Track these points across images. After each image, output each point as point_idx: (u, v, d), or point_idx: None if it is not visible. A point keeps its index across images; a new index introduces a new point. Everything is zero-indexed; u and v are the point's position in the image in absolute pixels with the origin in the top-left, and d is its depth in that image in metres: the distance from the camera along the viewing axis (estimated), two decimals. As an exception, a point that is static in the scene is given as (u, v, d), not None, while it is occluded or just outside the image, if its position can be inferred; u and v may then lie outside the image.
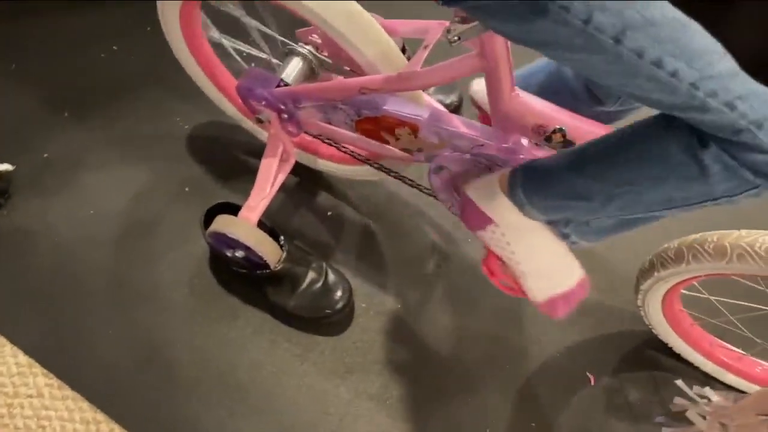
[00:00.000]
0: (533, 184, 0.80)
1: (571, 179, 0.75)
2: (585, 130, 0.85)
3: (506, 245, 0.84)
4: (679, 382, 0.87)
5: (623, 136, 0.71)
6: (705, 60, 0.54)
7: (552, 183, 0.77)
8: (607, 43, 0.55)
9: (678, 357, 1.21)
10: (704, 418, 0.79)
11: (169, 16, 1.13)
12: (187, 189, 1.41)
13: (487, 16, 0.61)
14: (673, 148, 0.64)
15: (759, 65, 0.38)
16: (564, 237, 0.83)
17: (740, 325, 1.08)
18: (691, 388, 0.90)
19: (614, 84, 0.61)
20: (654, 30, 0.53)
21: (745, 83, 0.55)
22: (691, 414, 0.82)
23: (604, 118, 0.93)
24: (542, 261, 0.84)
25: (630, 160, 0.69)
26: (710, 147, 0.61)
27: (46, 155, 1.45)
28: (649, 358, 1.23)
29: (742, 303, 1.06)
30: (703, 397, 0.81)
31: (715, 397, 0.79)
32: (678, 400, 0.85)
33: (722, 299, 1.07)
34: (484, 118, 1.08)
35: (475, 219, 0.85)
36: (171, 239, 1.34)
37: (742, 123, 0.56)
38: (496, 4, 0.57)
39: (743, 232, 0.88)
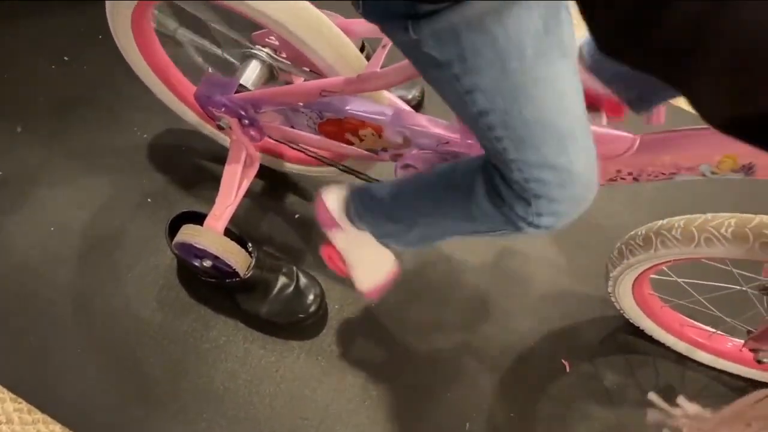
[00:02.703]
0: (362, 204, 0.99)
1: (390, 205, 0.95)
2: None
3: (345, 245, 1.05)
4: (652, 396, 0.87)
5: (434, 173, 0.89)
6: (532, 150, 0.70)
7: (375, 207, 0.97)
8: (472, 112, 0.70)
9: (650, 339, 1.23)
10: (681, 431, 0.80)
11: (120, 23, 1.10)
12: (149, 200, 1.38)
13: (395, 42, 0.72)
14: (452, 193, 0.85)
15: (734, 129, 0.40)
16: (383, 244, 1.02)
17: (709, 305, 1.10)
18: (658, 380, 0.90)
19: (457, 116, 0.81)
20: (510, 118, 0.68)
21: (546, 173, 0.72)
22: (668, 429, 0.83)
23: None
24: (367, 261, 1.08)
25: (427, 196, 0.89)
26: (477, 196, 0.80)
27: (0, 174, 1.40)
28: (623, 342, 1.25)
29: (710, 283, 1.07)
30: (677, 406, 0.82)
31: (689, 406, 0.80)
32: (651, 415, 0.86)
33: (690, 281, 1.08)
34: None
35: (327, 220, 1.04)
36: (136, 252, 1.31)
37: (526, 195, 0.74)
38: (408, 43, 0.67)
39: (709, 215, 0.89)
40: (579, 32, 0.65)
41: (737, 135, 0.40)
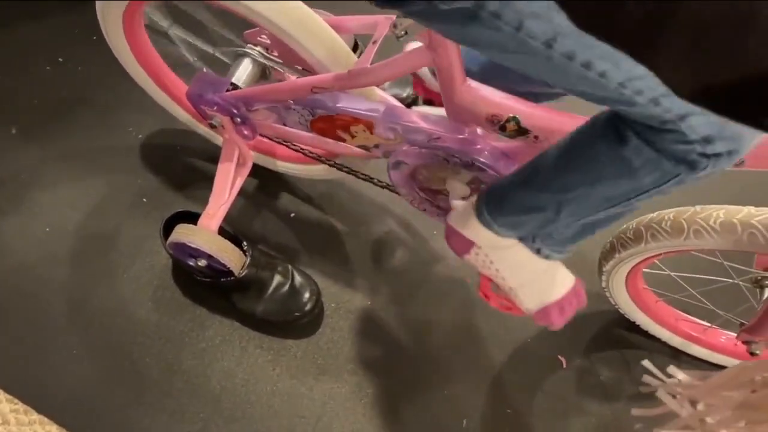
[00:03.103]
0: (493, 204, 0.84)
1: (522, 193, 0.80)
2: (539, 117, 0.85)
3: (491, 264, 0.88)
4: (646, 363, 0.88)
5: (560, 146, 0.75)
6: (631, 61, 0.54)
7: (507, 200, 0.82)
8: (539, 48, 0.57)
9: (645, 334, 1.23)
10: (674, 397, 0.80)
11: (111, 23, 1.10)
12: (144, 200, 1.38)
13: (423, 19, 0.64)
14: (599, 149, 0.69)
15: (701, 100, 0.39)
16: (537, 252, 0.86)
17: (702, 299, 1.10)
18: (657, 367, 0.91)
19: (547, 80, 0.63)
20: (583, 35, 0.54)
21: None
22: (661, 393, 0.83)
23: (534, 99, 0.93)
24: (525, 273, 0.88)
25: (565, 167, 0.74)
26: (630, 143, 0.65)
27: (-5, 175, 1.41)
28: (618, 337, 1.25)
29: (703, 277, 1.08)
30: (670, 376, 0.82)
31: (681, 374, 0.80)
32: (647, 379, 0.86)
33: (683, 274, 1.09)
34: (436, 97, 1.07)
35: (460, 244, 0.89)
36: (131, 252, 1.32)
37: (666, 116, 0.59)
38: (429, 11, 0.58)
39: (698, 208, 0.90)
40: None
41: (705, 106, 0.39)
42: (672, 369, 0.84)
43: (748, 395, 0.64)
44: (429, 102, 1.10)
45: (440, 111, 0.95)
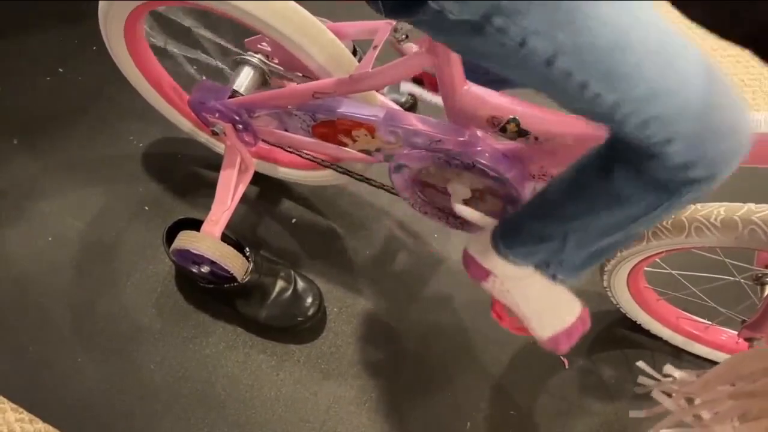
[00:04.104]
0: (508, 236, 0.87)
1: (531, 224, 0.84)
2: (539, 118, 0.86)
3: (506, 293, 0.92)
4: (641, 363, 0.88)
5: (561, 176, 0.79)
6: (628, 83, 0.58)
7: (519, 231, 0.86)
8: (539, 65, 0.59)
9: (647, 333, 1.23)
10: (670, 396, 0.81)
11: (113, 32, 1.11)
12: (146, 208, 1.38)
13: (430, 29, 0.65)
14: (591, 181, 0.73)
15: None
16: (552, 278, 0.89)
17: (703, 296, 1.11)
18: (653, 367, 0.92)
19: (544, 93, 0.66)
20: (583, 55, 0.57)
21: (660, 105, 0.59)
22: (656, 393, 0.84)
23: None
24: (540, 303, 0.92)
25: (565, 198, 0.78)
26: (617, 174, 0.69)
27: (-3, 185, 1.41)
28: (620, 337, 1.26)
29: (704, 274, 1.08)
30: (666, 375, 0.83)
31: (677, 373, 0.81)
32: (642, 380, 0.87)
33: (684, 272, 1.09)
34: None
35: (478, 272, 0.93)
36: (134, 260, 1.32)
37: (652, 140, 0.61)
38: (437, 22, 0.59)
39: (698, 205, 0.90)
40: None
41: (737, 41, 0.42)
42: (668, 368, 0.85)
43: (742, 387, 0.64)
44: (418, 81, 1.10)
45: (432, 97, 0.98)
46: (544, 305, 0.92)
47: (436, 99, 0.94)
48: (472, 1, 0.55)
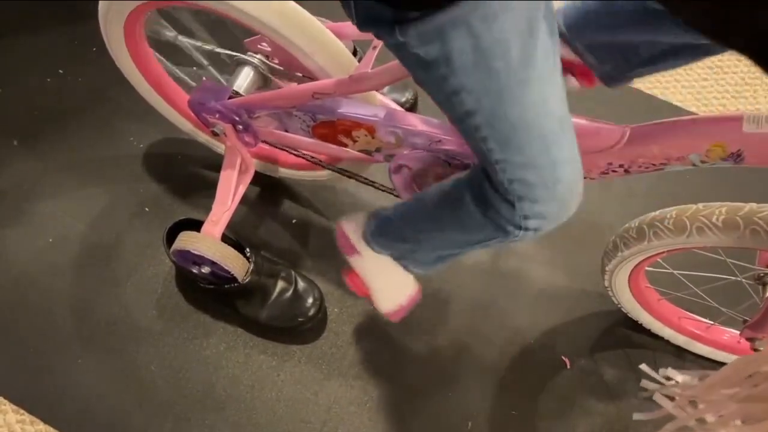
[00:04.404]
0: (375, 227, 1.02)
1: (397, 224, 1.00)
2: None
3: (364, 269, 1.09)
4: (644, 367, 0.88)
5: (429, 191, 0.93)
6: (515, 151, 0.73)
7: (386, 226, 1.01)
8: (460, 112, 0.71)
9: (649, 333, 1.23)
10: (672, 399, 0.80)
11: (113, 33, 1.11)
12: (147, 209, 1.38)
13: (389, 48, 0.73)
14: (445, 206, 0.89)
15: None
16: (404, 267, 1.06)
17: (705, 296, 1.11)
18: (657, 371, 0.92)
19: (449, 120, 0.80)
20: (495, 121, 0.70)
21: (530, 173, 0.74)
22: (658, 397, 0.83)
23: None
24: (387, 283, 1.10)
25: (425, 212, 0.93)
26: (467, 207, 0.83)
27: (-3, 186, 1.41)
28: (621, 337, 1.25)
29: (706, 274, 1.08)
30: (668, 378, 0.83)
31: (679, 376, 0.81)
32: (645, 384, 0.86)
33: (686, 272, 1.09)
34: None
35: (347, 247, 1.08)
36: (135, 261, 1.32)
37: (515, 193, 0.76)
38: (397, 46, 0.68)
39: (700, 205, 0.90)
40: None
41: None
42: (670, 371, 0.84)
43: (746, 391, 0.64)
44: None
45: None
46: (390, 285, 1.10)
47: None
48: (432, 48, 0.65)
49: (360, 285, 1.12)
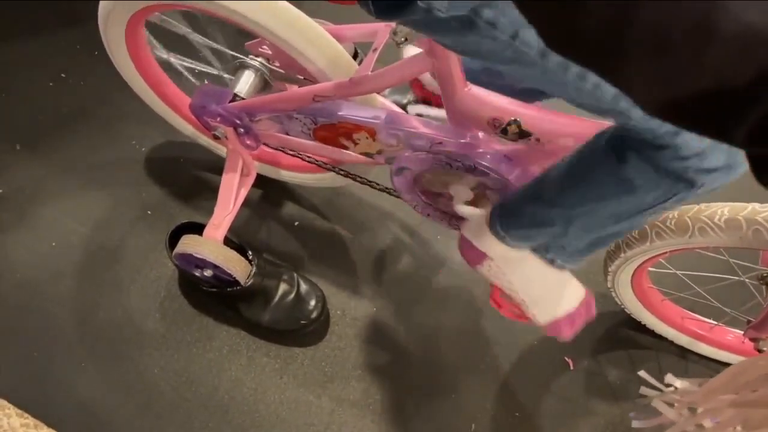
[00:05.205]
0: (506, 218, 0.85)
1: (533, 208, 0.82)
2: (540, 119, 0.85)
3: (503, 276, 0.90)
4: (642, 373, 0.88)
5: (566, 162, 0.77)
6: None
7: (518, 214, 0.84)
8: (534, 57, 0.59)
9: (652, 333, 1.23)
10: (672, 406, 0.80)
11: (113, 37, 1.11)
12: (149, 212, 1.39)
13: (422, 28, 0.65)
14: (601, 168, 0.71)
15: (669, 114, 0.40)
16: (551, 262, 0.87)
17: (709, 297, 1.10)
18: (660, 371, 0.91)
19: (548, 91, 0.66)
20: None
21: None
22: (657, 403, 0.83)
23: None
24: (537, 287, 0.89)
25: (571, 185, 0.76)
26: (629, 162, 0.67)
27: (0, 191, 1.41)
28: (625, 337, 1.25)
29: (709, 274, 1.08)
30: (668, 384, 0.82)
31: (678, 382, 0.80)
32: (644, 390, 0.86)
33: (689, 273, 1.09)
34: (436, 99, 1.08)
35: (473, 256, 0.91)
36: (137, 265, 1.32)
37: (661, 130, 0.61)
38: (428, 20, 0.59)
39: (702, 205, 0.90)
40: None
41: (672, 120, 0.40)
42: (669, 378, 0.84)
43: (744, 396, 0.64)
44: (426, 102, 1.11)
45: (440, 112, 0.95)
46: (543, 289, 0.90)
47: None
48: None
49: (506, 303, 0.94)
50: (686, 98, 0.37)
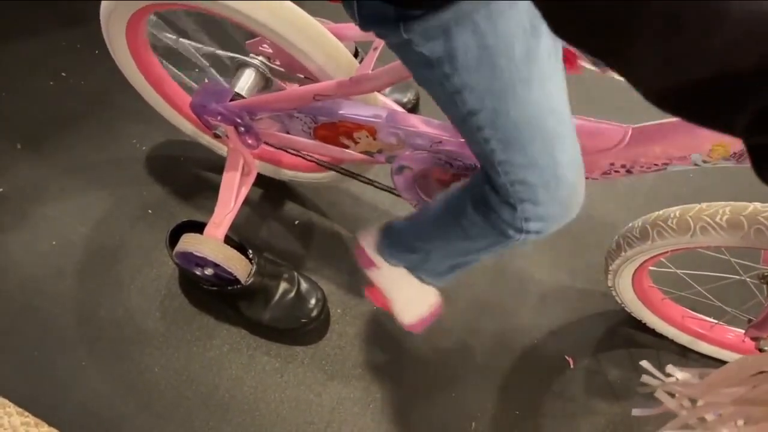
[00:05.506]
0: (388, 239, 1.02)
1: (407, 236, 0.99)
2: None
3: (383, 282, 1.07)
4: (644, 363, 0.88)
5: (437, 201, 0.92)
6: (517, 151, 0.72)
7: (397, 238, 1.01)
8: (462, 112, 0.71)
9: (653, 332, 1.23)
10: (673, 396, 0.80)
11: (115, 36, 1.11)
12: (150, 211, 1.39)
13: (391, 48, 0.72)
14: (449, 215, 0.88)
15: (668, 102, 0.40)
16: (420, 279, 1.04)
17: (709, 296, 1.10)
18: (659, 366, 0.91)
19: (451, 123, 0.80)
20: (497, 120, 0.70)
21: (532, 174, 0.74)
22: (659, 393, 0.83)
23: None
24: (406, 296, 1.09)
25: (432, 222, 0.93)
26: (468, 215, 0.83)
27: (1, 190, 1.41)
28: (625, 336, 1.25)
29: (709, 273, 1.08)
30: (669, 375, 0.82)
31: (679, 374, 0.80)
32: (645, 379, 0.86)
33: (690, 272, 1.09)
34: None
35: (365, 261, 1.07)
36: (138, 264, 1.32)
37: (516, 195, 0.76)
38: (401, 46, 0.68)
39: (704, 205, 0.90)
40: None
41: (672, 109, 0.39)
42: (670, 368, 0.84)
43: (748, 391, 0.64)
44: None
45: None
46: (411, 299, 1.09)
47: None
48: (436, 46, 0.64)
49: (380, 298, 1.11)
50: (689, 83, 0.37)
